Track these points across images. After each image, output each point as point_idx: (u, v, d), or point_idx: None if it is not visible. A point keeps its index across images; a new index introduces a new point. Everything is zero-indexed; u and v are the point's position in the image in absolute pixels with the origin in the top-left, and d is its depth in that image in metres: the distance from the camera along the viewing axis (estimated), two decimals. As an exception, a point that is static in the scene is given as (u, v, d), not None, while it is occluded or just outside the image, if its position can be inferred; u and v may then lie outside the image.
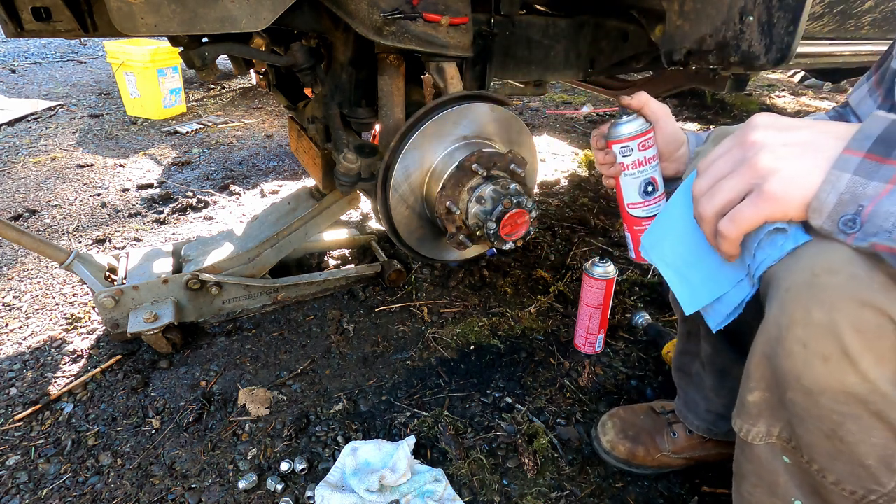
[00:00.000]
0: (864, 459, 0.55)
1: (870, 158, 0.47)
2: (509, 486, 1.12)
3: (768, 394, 0.62)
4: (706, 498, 1.11)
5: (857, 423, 0.54)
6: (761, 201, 0.52)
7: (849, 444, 0.55)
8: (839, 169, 0.49)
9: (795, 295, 0.54)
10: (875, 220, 0.47)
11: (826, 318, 0.51)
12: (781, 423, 0.63)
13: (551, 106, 3.91)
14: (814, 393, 0.55)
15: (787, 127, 0.54)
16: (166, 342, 1.41)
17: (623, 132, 0.84)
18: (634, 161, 0.85)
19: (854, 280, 0.50)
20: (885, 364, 0.51)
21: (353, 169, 1.23)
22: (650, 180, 0.86)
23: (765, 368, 0.60)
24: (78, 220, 2.18)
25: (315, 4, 1.17)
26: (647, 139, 0.84)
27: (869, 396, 0.52)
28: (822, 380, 0.53)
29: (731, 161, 0.56)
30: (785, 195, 0.51)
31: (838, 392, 0.53)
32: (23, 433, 1.21)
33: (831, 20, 1.32)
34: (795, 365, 0.55)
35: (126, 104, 3.51)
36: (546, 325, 1.58)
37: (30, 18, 1.03)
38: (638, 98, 0.85)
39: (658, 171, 0.87)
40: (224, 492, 1.09)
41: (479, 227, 1.14)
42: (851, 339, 0.51)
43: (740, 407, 0.66)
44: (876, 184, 0.47)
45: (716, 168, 0.58)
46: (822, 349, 0.52)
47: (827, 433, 0.56)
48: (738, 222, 0.54)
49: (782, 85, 4.74)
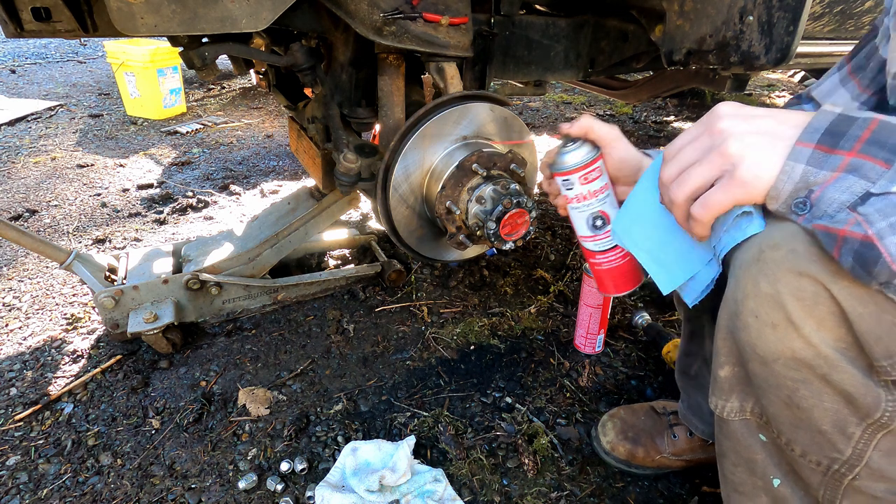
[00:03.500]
0: (820, 425, 0.59)
1: (819, 150, 0.51)
2: (509, 486, 1.12)
3: (737, 368, 0.65)
4: (706, 498, 1.11)
5: (809, 388, 0.57)
6: (732, 186, 0.55)
7: (805, 409, 0.59)
8: (793, 160, 0.52)
9: (746, 270, 0.58)
10: (820, 205, 0.51)
11: (771, 289, 0.56)
12: (753, 399, 0.66)
13: (552, 106, 3.92)
14: (768, 361, 0.58)
15: (750, 116, 0.56)
16: (166, 342, 1.41)
17: (564, 164, 0.77)
18: (578, 195, 0.78)
19: (793, 254, 0.54)
20: (825, 328, 0.55)
21: (353, 169, 1.23)
22: (598, 214, 0.79)
23: (730, 342, 0.63)
24: (78, 220, 2.18)
25: (315, 4, 1.17)
26: (591, 171, 0.77)
27: (814, 360, 0.56)
28: (774, 347, 0.57)
29: (699, 149, 0.58)
30: (754, 180, 0.54)
31: (788, 358, 0.57)
32: (23, 433, 1.21)
33: (831, 20, 1.32)
34: (750, 335, 0.59)
35: (126, 104, 3.51)
36: (546, 325, 1.58)
37: (30, 18, 1.03)
38: (579, 125, 0.77)
39: (609, 202, 0.79)
40: (224, 492, 1.09)
41: (479, 227, 1.13)
42: (793, 307, 0.55)
43: (713, 383, 0.69)
44: (825, 172, 0.51)
45: (684, 155, 0.60)
46: (771, 318, 0.56)
47: (785, 401, 0.60)
48: (710, 206, 0.57)
49: (782, 85, 4.74)
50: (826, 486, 0.62)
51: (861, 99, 0.77)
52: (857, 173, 0.49)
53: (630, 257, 0.82)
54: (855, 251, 0.48)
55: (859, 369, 0.55)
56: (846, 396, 0.56)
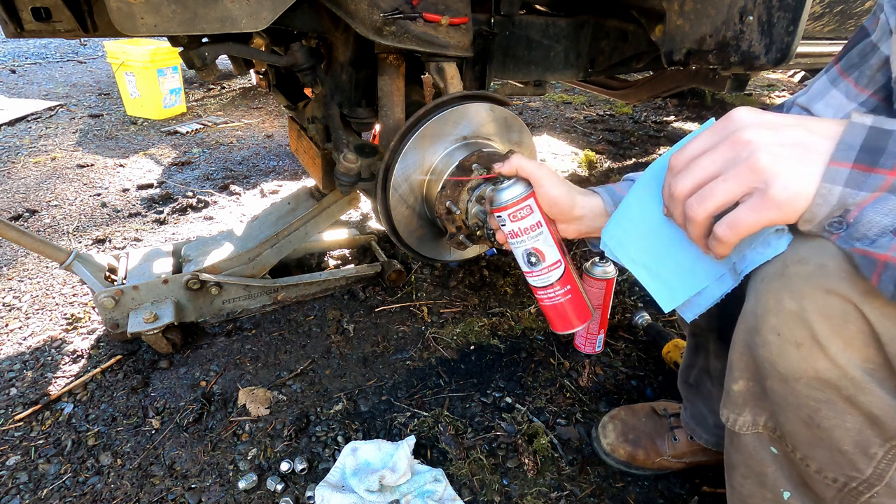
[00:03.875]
0: (841, 445, 0.57)
1: (858, 169, 0.47)
2: (509, 486, 1.12)
3: (752, 383, 0.63)
4: (706, 498, 1.11)
5: (832, 409, 0.55)
6: (765, 207, 0.50)
7: (826, 429, 0.57)
8: (830, 182, 0.48)
9: (768, 285, 0.56)
10: (859, 227, 0.48)
11: (796, 306, 0.53)
12: (766, 413, 0.64)
13: (552, 106, 3.92)
14: (790, 380, 0.56)
15: (777, 125, 0.51)
16: (166, 342, 1.41)
17: (495, 200, 0.78)
18: (510, 231, 0.80)
19: (821, 269, 0.52)
20: (852, 349, 0.52)
21: (353, 169, 1.23)
22: (531, 251, 0.80)
23: (747, 358, 0.62)
24: (78, 220, 2.18)
25: (315, 4, 1.17)
26: (520, 209, 0.77)
27: (839, 381, 0.53)
28: (796, 366, 0.55)
29: (720, 161, 0.53)
30: (789, 201, 0.49)
31: (812, 378, 0.55)
32: (23, 433, 1.21)
33: (831, 20, 1.32)
34: (771, 353, 0.57)
35: (126, 104, 3.51)
36: (546, 325, 1.58)
37: (30, 18, 1.03)
38: (509, 164, 0.78)
39: (543, 240, 0.79)
40: (224, 492, 1.09)
41: (479, 226, 1.13)
42: (820, 326, 0.52)
43: (726, 397, 0.68)
44: (864, 193, 0.47)
45: (701, 167, 0.55)
46: (794, 336, 0.54)
47: (805, 420, 0.58)
48: (738, 227, 0.52)
49: (782, 85, 4.74)
50: (840, 502, 0.61)
51: (859, 99, 0.73)
52: None
53: (573, 294, 0.81)
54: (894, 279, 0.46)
55: (887, 391, 0.52)
56: (871, 418, 0.54)
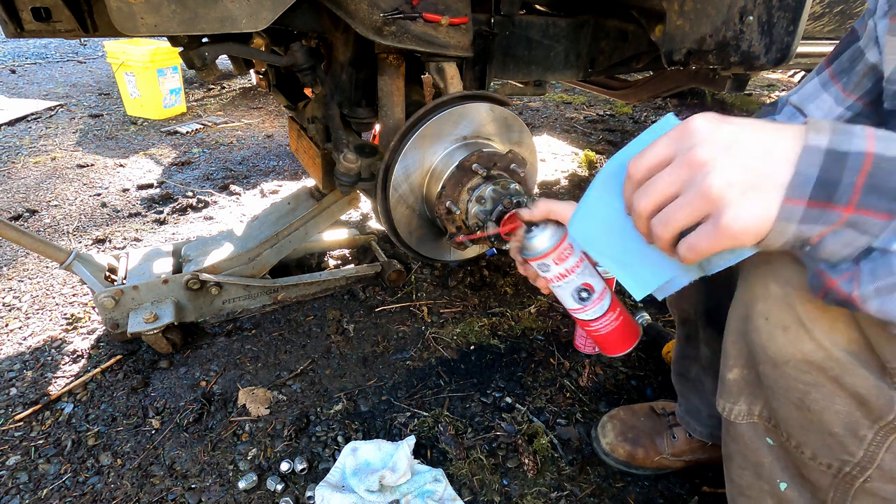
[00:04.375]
0: (832, 427, 0.58)
1: (813, 206, 0.46)
2: (509, 486, 1.12)
3: (746, 370, 0.65)
4: (706, 498, 1.11)
5: (820, 391, 0.57)
6: (718, 236, 0.49)
7: (816, 412, 0.58)
8: (785, 220, 0.47)
9: (755, 272, 0.58)
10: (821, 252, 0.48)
11: (781, 291, 0.56)
12: (761, 401, 0.66)
13: (552, 106, 3.92)
14: (779, 363, 0.58)
15: (733, 142, 0.48)
16: (166, 342, 1.41)
17: (534, 250, 0.75)
18: (555, 275, 0.77)
19: None
20: (836, 331, 0.54)
21: (353, 169, 1.23)
22: (582, 287, 0.77)
23: (740, 345, 0.63)
24: (78, 220, 2.18)
25: (315, 4, 1.17)
26: (563, 249, 0.75)
27: (825, 363, 0.55)
28: (785, 349, 0.57)
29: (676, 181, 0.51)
30: (741, 233, 0.48)
31: (800, 360, 0.57)
32: (23, 433, 1.21)
33: (831, 20, 1.32)
34: (761, 338, 0.58)
35: (126, 104, 3.51)
36: (546, 325, 1.58)
37: (30, 18, 1.03)
38: (538, 209, 0.75)
39: (589, 272, 0.78)
40: (224, 492, 1.09)
41: (480, 227, 1.13)
42: (804, 309, 0.54)
43: (721, 386, 0.69)
44: (820, 227, 0.46)
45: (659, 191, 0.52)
46: (782, 320, 0.56)
47: (796, 403, 0.59)
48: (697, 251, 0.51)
49: (782, 85, 4.74)
50: (836, 489, 0.62)
51: (846, 104, 0.75)
52: (856, 228, 0.45)
53: (624, 314, 0.80)
54: (836, 301, 0.48)
55: (872, 372, 0.54)
56: (858, 399, 0.55)
